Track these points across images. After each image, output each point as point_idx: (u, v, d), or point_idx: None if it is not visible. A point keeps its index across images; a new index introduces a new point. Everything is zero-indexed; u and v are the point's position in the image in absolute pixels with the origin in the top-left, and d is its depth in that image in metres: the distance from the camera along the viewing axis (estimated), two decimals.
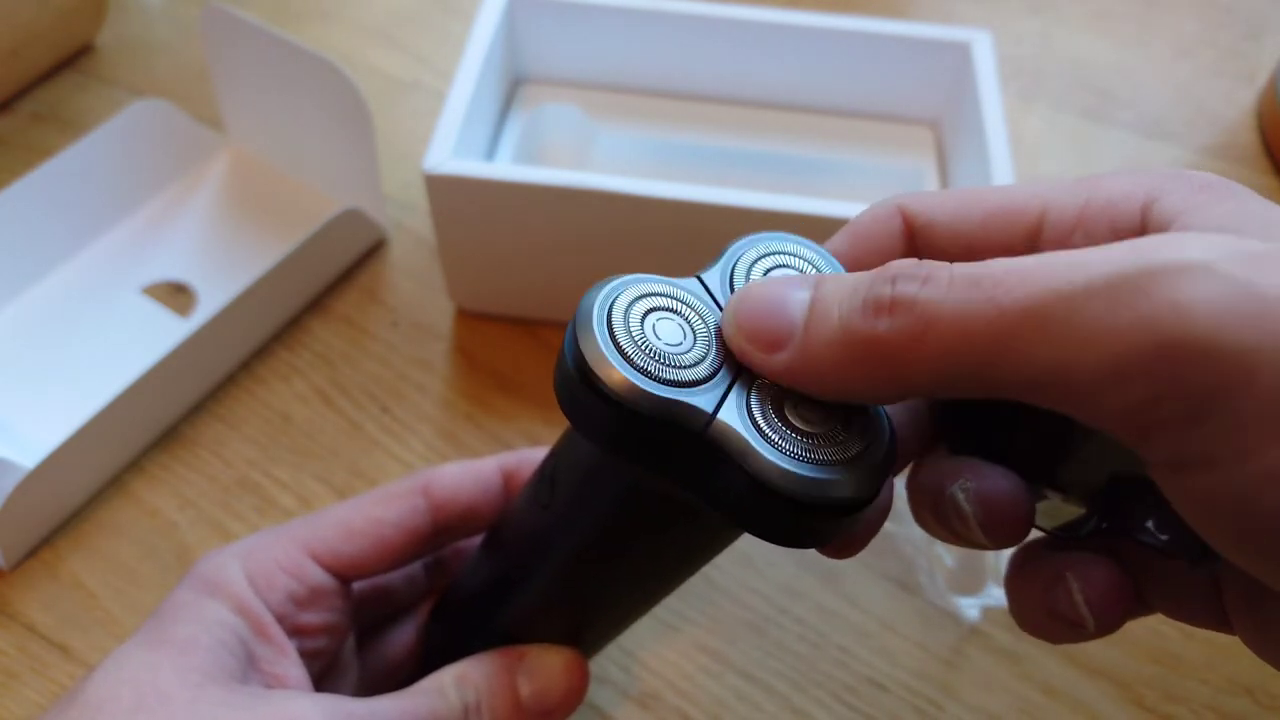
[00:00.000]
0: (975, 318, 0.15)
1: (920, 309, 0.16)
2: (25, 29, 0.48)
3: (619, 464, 0.20)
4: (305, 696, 0.24)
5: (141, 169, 0.45)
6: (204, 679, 0.23)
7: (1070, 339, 0.14)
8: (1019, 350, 0.15)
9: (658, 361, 0.17)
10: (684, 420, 0.17)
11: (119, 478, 0.37)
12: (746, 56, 0.45)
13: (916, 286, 0.16)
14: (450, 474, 0.28)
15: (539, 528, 0.24)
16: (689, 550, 0.23)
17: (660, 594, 0.26)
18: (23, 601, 0.34)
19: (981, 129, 0.39)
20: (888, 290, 0.16)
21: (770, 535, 0.18)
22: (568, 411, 0.18)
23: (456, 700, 0.25)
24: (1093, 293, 0.14)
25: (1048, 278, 0.15)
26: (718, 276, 0.20)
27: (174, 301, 0.42)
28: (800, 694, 0.33)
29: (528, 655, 0.27)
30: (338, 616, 0.27)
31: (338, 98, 0.40)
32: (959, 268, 0.16)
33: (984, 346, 0.15)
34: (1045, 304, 0.15)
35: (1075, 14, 0.59)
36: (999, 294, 0.15)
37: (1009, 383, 0.15)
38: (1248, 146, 0.52)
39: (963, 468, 0.19)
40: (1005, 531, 0.19)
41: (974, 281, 0.15)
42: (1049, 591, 0.19)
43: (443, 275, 0.42)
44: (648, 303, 0.18)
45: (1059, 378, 0.15)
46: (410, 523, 0.28)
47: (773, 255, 0.20)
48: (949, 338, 0.15)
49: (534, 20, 0.44)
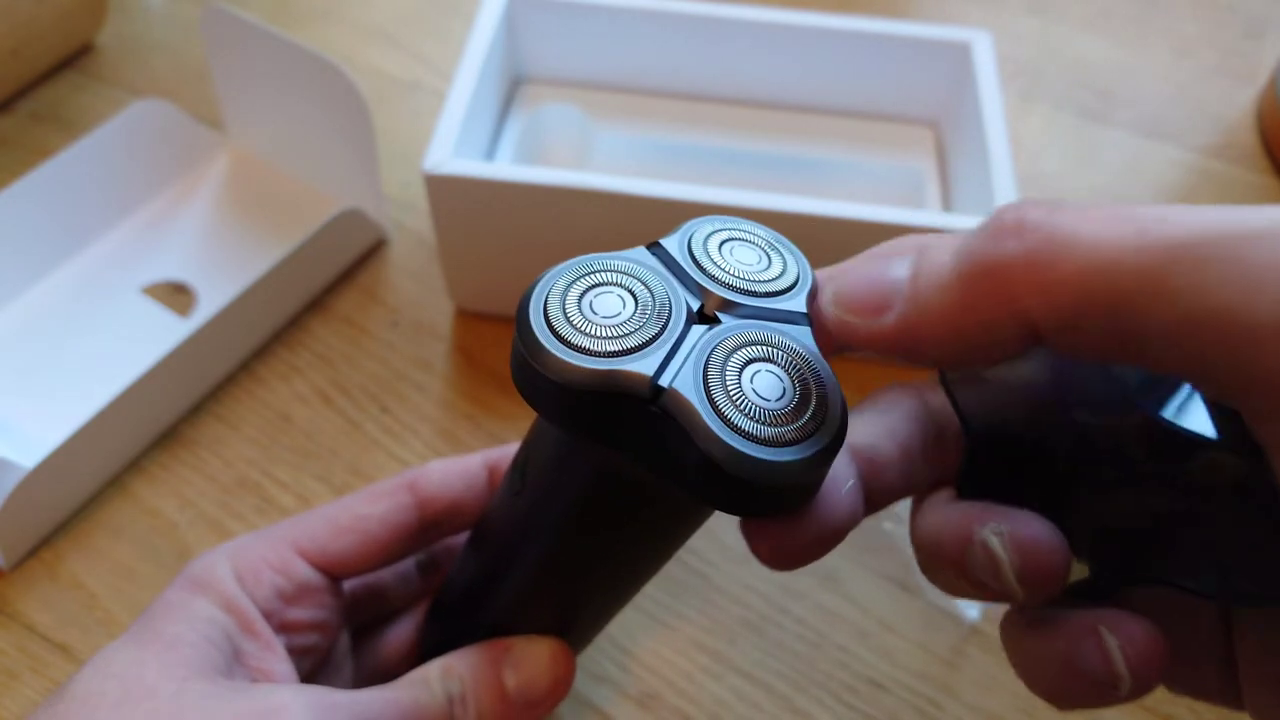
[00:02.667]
0: (1120, 246, 0.14)
1: (1053, 229, 0.14)
2: (25, 29, 0.48)
3: (581, 444, 0.20)
4: (288, 688, 0.24)
5: (141, 169, 0.45)
6: (189, 673, 0.23)
7: (1237, 280, 0.13)
8: (1172, 286, 0.13)
9: (592, 336, 0.18)
10: (628, 387, 0.17)
11: (119, 478, 0.37)
12: (746, 56, 0.45)
13: (1046, 212, 0.14)
14: (436, 470, 0.29)
15: (513, 516, 0.25)
16: (662, 529, 0.23)
17: (641, 576, 0.26)
18: (23, 601, 0.34)
19: (981, 129, 0.39)
20: (1012, 215, 0.15)
21: (724, 508, 0.18)
22: (525, 398, 0.19)
23: (441, 691, 0.26)
24: (1269, 235, 0.13)
25: (1211, 217, 0.13)
26: (675, 243, 0.20)
27: (174, 301, 0.42)
28: (800, 694, 0.33)
29: (513, 647, 0.27)
30: (327, 614, 0.27)
31: (338, 98, 0.40)
32: (1096, 205, 0.14)
33: (1131, 278, 0.13)
34: (1209, 239, 0.13)
35: (1075, 14, 0.59)
36: (1150, 225, 0.14)
37: (1156, 323, 0.13)
38: (1248, 146, 0.52)
39: (990, 512, 0.17)
40: (1044, 581, 0.17)
41: (1118, 214, 0.14)
42: (1077, 649, 0.17)
43: (443, 275, 0.42)
44: (586, 281, 0.19)
45: (1218, 322, 0.13)
46: (397, 519, 0.28)
47: (728, 230, 0.20)
48: (1091, 263, 0.14)
49: (534, 20, 0.44)
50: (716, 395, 0.17)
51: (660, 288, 0.19)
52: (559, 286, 0.19)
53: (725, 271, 0.19)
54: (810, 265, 0.20)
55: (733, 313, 0.19)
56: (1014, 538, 0.17)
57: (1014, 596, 0.17)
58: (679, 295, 0.19)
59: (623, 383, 0.17)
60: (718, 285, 0.19)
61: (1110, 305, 0.14)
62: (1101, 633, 0.17)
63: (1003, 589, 0.17)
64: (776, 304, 0.19)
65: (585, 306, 0.18)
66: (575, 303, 0.18)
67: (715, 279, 0.19)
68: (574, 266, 0.19)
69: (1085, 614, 0.17)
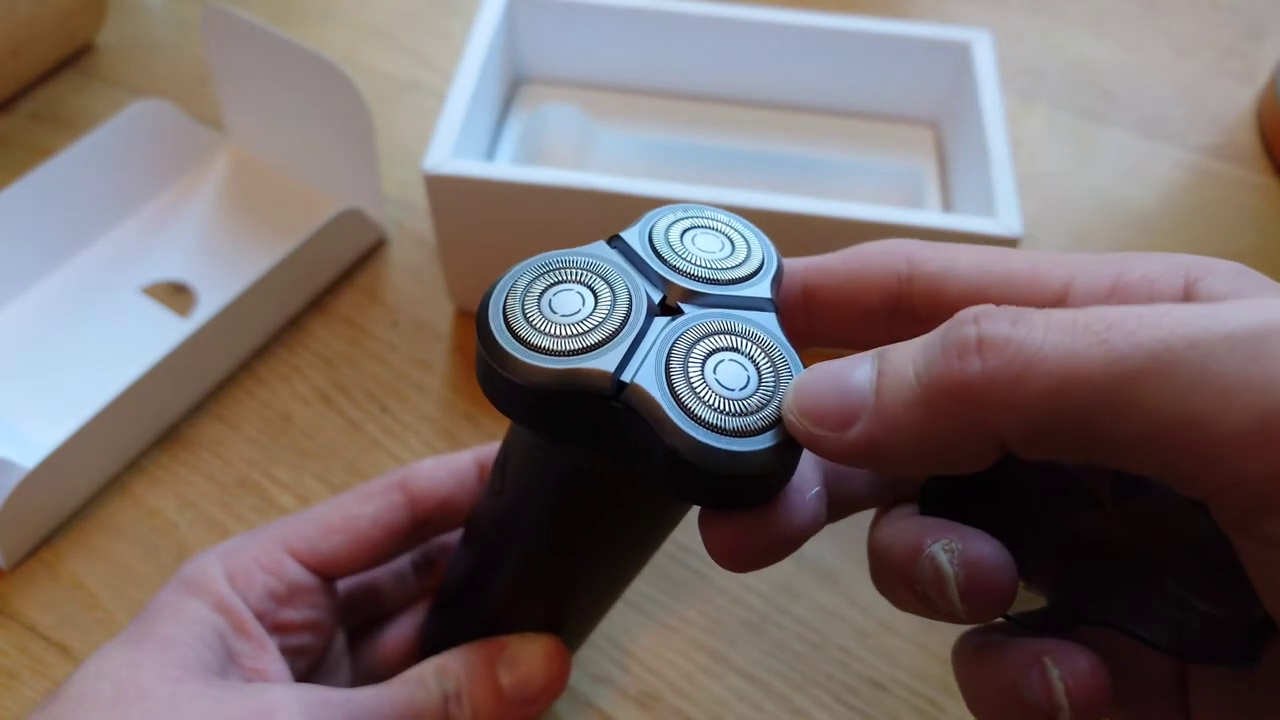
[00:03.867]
0: (1086, 360, 0.14)
1: (1016, 347, 0.14)
2: (25, 29, 0.48)
3: (553, 443, 0.20)
4: (281, 686, 0.24)
5: (141, 169, 0.45)
6: (183, 673, 0.23)
7: (1206, 390, 0.13)
8: (1141, 397, 0.13)
9: (552, 335, 0.18)
10: (590, 385, 0.17)
11: (119, 478, 0.37)
12: (746, 56, 0.45)
13: (1007, 326, 0.15)
14: (427, 469, 0.29)
15: (497, 515, 0.25)
16: (642, 524, 0.23)
17: (627, 571, 0.26)
18: (23, 601, 0.34)
19: (981, 129, 0.39)
20: (972, 330, 0.15)
21: (693, 500, 0.18)
22: (492, 401, 0.18)
23: (436, 690, 0.26)
24: (1235, 342, 0.13)
25: (1176, 324, 0.13)
26: (636, 236, 0.20)
27: (174, 301, 0.42)
28: (800, 694, 0.33)
29: (508, 645, 0.27)
30: (320, 613, 0.27)
31: (338, 98, 0.40)
32: (1058, 311, 0.14)
33: (1096, 392, 0.14)
34: (1175, 351, 0.13)
35: (1075, 14, 0.59)
36: (1114, 337, 0.14)
37: (1121, 435, 0.14)
38: (1248, 146, 0.52)
39: (944, 527, 0.17)
40: (987, 601, 0.17)
41: (1080, 323, 0.14)
42: (1021, 677, 0.17)
43: (443, 275, 0.42)
44: (545, 280, 0.19)
45: (1188, 431, 0.13)
46: (388, 518, 0.28)
47: (690, 219, 0.20)
48: (1054, 379, 0.14)
49: (534, 20, 0.44)
50: (679, 388, 0.17)
51: (620, 282, 0.19)
52: (518, 288, 0.18)
53: (687, 261, 0.19)
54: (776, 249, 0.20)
55: (696, 302, 0.19)
56: (964, 555, 0.17)
57: (956, 614, 0.17)
58: (639, 289, 0.19)
59: (584, 381, 0.17)
60: (679, 275, 0.19)
61: (1078, 420, 0.14)
62: (1045, 663, 0.17)
63: (947, 605, 0.17)
64: (740, 291, 0.19)
65: (545, 306, 0.18)
66: (535, 303, 0.18)
67: (677, 269, 0.19)
68: (532, 266, 0.19)
69: (1033, 643, 0.17)
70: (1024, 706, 0.17)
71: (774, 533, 0.18)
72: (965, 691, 0.19)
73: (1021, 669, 0.17)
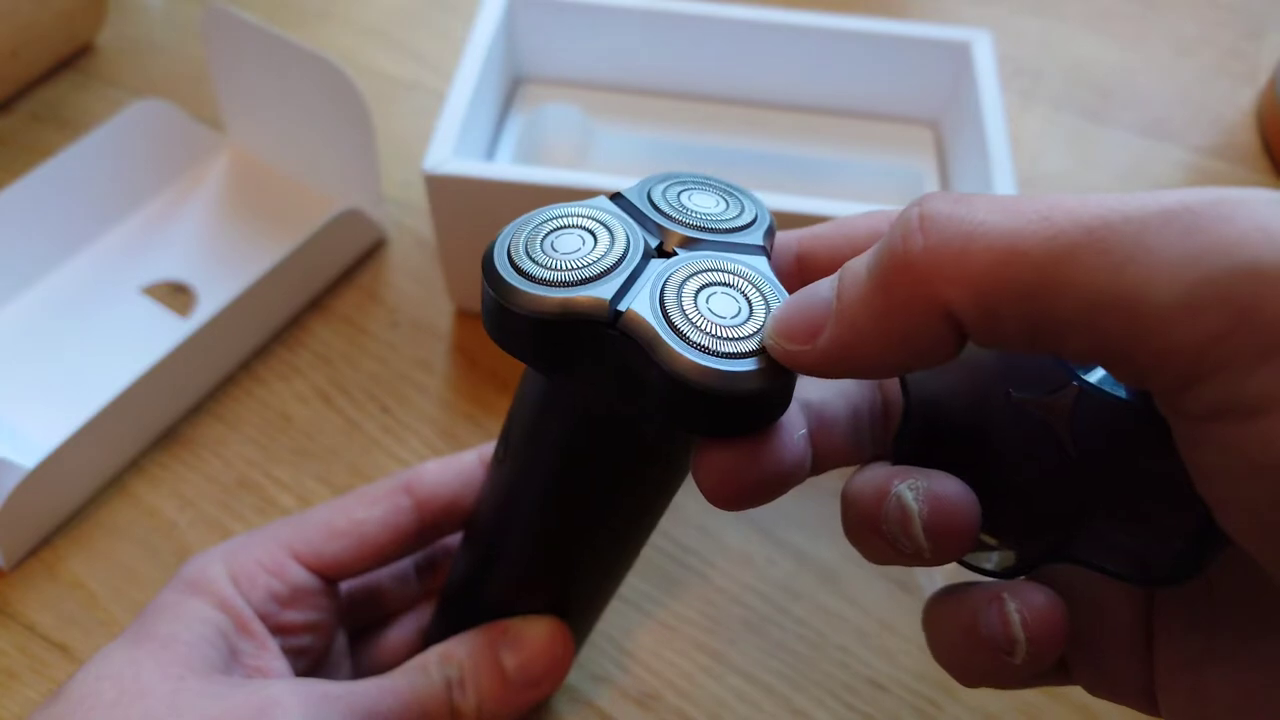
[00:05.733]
0: (1027, 235, 0.14)
1: (958, 224, 0.15)
2: (25, 29, 0.48)
3: (555, 381, 0.21)
4: (283, 681, 0.24)
5: (141, 169, 0.45)
6: (185, 672, 0.23)
7: (1138, 263, 0.13)
8: (1078, 272, 0.14)
9: (553, 269, 0.19)
10: (586, 311, 0.18)
11: (119, 478, 0.37)
12: (746, 56, 0.45)
13: (949, 205, 0.15)
14: (432, 471, 0.29)
15: (501, 486, 0.25)
16: (644, 475, 0.23)
17: (630, 538, 0.26)
18: (23, 601, 0.34)
19: (981, 129, 0.39)
20: (915, 211, 0.15)
21: (690, 426, 0.18)
22: (496, 340, 0.19)
23: (439, 677, 0.25)
24: (1170, 215, 0.13)
25: (1116, 201, 0.14)
26: (635, 192, 0.21)
27: (174, 301, 0.42)
28: (800, 694, 0.33)
29: (510, 628, 0.27)
30: (322, 615, 0.27)
31: (338, 98, 0.40)
32: (999, 195, 0.15)
33: (1037, 265, 0.14)
34: (1111, 225, 0.14)
35: (1075, 14, 0.59)
36: (1055, 214, 0.14)
37: (1065, 309, 0.14)
38: (1248, 146, 0.52)
39: (912, 472, 0.18)
40: (951, 536, 0.17)
41: (1024, 204, 0.14)
42: (980, 613, 0.18)
43: (443, 275, 0.42)
44: (548, 226, 0.20)
45: (1122, 304, 0.13)
46: (394, 522, 0.28)
47: (687, 181, 0.21)
48: (996, 252, 0.14)
49: (534, 20, 0.44)
50: (673, 315, 0.18)
51: (619, 228, 0.20)
52: (522, 232, 0.20)
53: (684, 212, 0.20)
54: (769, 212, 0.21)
55: (691, 249, 0.20)
56: (928, 491, 0.17)
57: (921, 552, 0.17)
58: (638, 234, 0.20)
59: (582, 308, 0.18)
60: (676, 224, 0.20)
61: (1021, 293, 0.14)
62: (1004, 598, 0.18)
63: (912, 544, 0.17)
64: (734, 238, 0.20)
65: (547, 246, 0.19)
66: (538, 244, 0.19)
67: (674, 219, 0.20)
68: (536, 215, 0.20)
69: (999, 584, 0.18)
70: (983, 643, 0.18)
71: (766, 467, 0.18)
72: (929, 639, 0.19)
73: (981, 605, 0.18)
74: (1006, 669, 0.18)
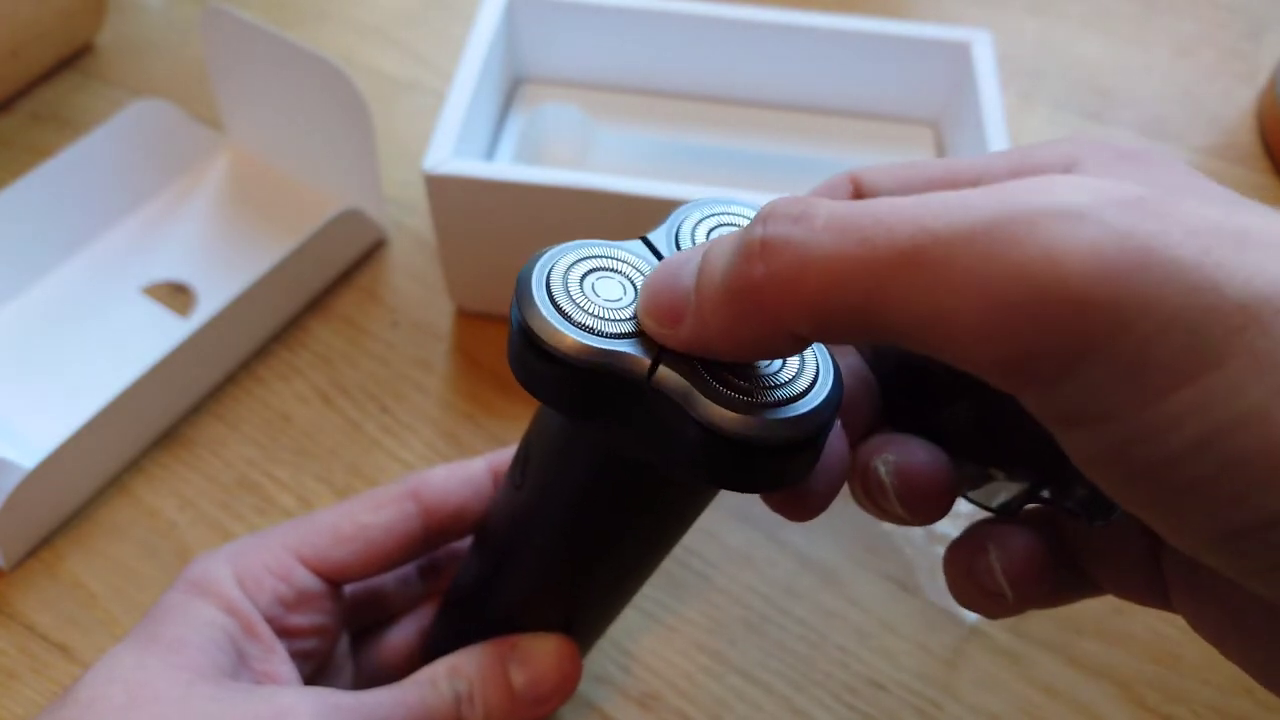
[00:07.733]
0: (849, 260, 0.14)
1: (793, 251, 0.15)
2: (25, 29, 0.48)
3: (579, 428, 0.20)
4: (294, 690, 0.24)
5: (141, 169, 0.45)
6: (194, 676, 0.23)
7: (943, 286, 0.14)
8: (895, 295, 0.14)
9: (597, 317, 0.18)
10: (627, 369, 0.18)
11: (119, 478, 0.37)
12: (746, 56, 0.45)
13: (788, 226, 0.15)
14: (439, 477, 0.28)
15: (516, 510, 0.25)
16: (663, 512, 0.23)
17: (644, 565, 0.26)
18: (23, 601, 0.34)
19: (981, 129, 0.39)
20: (759, 232, 0.15)
21: (727, 482, 0.18)
22: (522, 380, 0.19)
23: (448, 691, 0.25)
24: (971, 238, 0.14)
25: (924, 218, 0.14)
26: (664, 237, 0.20)
27: (174, 301, 0.42)
28: (800, 694, 0.33)
29: (519, 644, 0.27)
30: (327, 619, 0.27)
31: (338, 98, 0.40)
32: (840, 205, 0.15)
33: (860, 290, 0.14)
34: (920, 248, 0.14)
35: (1075, 14, 0.59)
36: (877, 235, 0.14)
37: (888, 328, 0.15)
38: (1248, 146, 0.52)
39: (890, 443, 0.19)
40: (923, 505, 0.19)
41: (850, 221, 0.15)
42: (974, 562, 0.19)
43: (443, 275, 0.42)
44: (586, 265, 0.19)
45: (934, 326, 0.14)
46: (401, 528, 0.28)
47: (716, 216, 0.21)
48: (824, 280, 0.15)
49: (534, 20, 0.44)
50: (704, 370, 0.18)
51: None
52: (560, 266, 0.19)
53: None
54: None
55: None
56: (896, 466, 0.19)
57: (903, 518, 0.19)
58: None
59: (623, 364, 0.18)
60: None
61: (851, 317, 0.15)
62: (988, 548, 0.19)
63: (894, 511, 0.19)
64: None
65: (587, 288, 0.19)
66: (578, 283, 0.19)
67: None
68: (574, 248, 0.19)
69: (988, 528, 0.20)
70: (980, 588, 0.20)
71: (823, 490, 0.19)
72: (948, 582, 0.21)
73: (973, 555, 0.20)
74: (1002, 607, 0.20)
